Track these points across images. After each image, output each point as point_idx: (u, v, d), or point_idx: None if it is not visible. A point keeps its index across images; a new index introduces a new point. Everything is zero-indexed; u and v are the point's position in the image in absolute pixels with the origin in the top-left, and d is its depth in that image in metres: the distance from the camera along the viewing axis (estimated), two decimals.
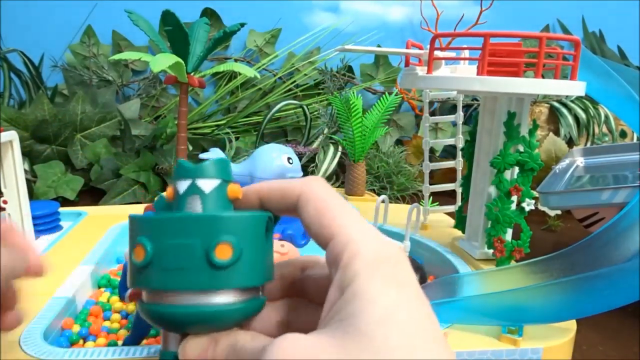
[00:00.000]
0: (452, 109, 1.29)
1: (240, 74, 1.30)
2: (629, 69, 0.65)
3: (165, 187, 1.10)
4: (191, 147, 1.16)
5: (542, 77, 0.52)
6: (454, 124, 0.88)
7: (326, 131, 1.19)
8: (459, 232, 0.71)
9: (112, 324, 0.48)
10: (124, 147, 1.16)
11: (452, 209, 0.79)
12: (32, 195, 0.99)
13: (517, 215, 0.57)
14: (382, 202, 0.72)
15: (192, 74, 0.78)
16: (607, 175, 0.81)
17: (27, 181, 0.87)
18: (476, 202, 0.65)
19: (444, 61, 0.58)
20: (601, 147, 0.91)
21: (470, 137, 0.67)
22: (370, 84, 1.37)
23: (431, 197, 0.79)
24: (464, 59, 0.61)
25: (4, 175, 0.63)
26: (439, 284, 0.54)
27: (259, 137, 1.24)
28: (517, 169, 0.58)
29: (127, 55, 0.75)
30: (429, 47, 0.55)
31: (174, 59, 0.70)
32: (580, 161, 0.90)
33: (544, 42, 0.51)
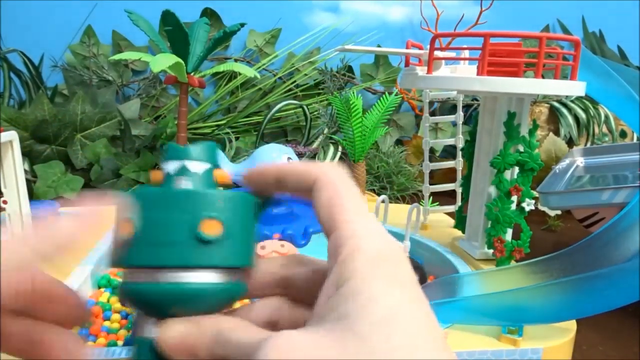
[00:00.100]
0: (452, 109, 1.29)
1: (240, 74, 1.30)
2: (629, 69, 0.65)
3: None
4: None
5: (542, 77, 0.52)
6: (454, 124, 0.88)
7: (326, 131, 1.19)
8: (459, 232, 0.71)
9: (112, 324, 0.48)
10: (124, 147, 1.16)
11: (452, 209, 0.79)
12: (32, 195, 0.99)
13: (517, 215, 0.57)
14: (382, 202, 0.72)
15: (192, 74, 0.78)
16: (607, 175, 0.81)
17: (27, 181, 0.87)
18: (476, 202, 0.65)
19: (444, 61, 0.58)
20: (601, 147, 0.91)
21: (470, 137, 0.67)
22: (370, 84, 1.37)
23: (431, 197, 0.79)
24: (464, 59, 0.61)
25: (4, 175, 0.63)
26: (439, 284, 0.54)
27: (259, 137, 1.24)
28: (517, 169, 0.58)
29: (127, 55, 0.75)
30: (429, 47, 0.55)
31: (174, 59, 0.70)
32: (580, 161, 0.90)
33: (544, 42, 0.51)
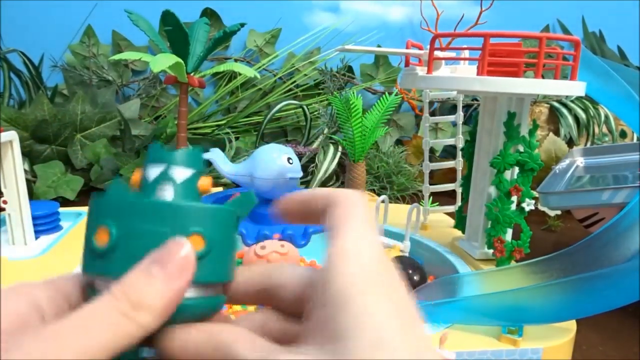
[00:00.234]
0: (452, 109, 1.29)
1: (240, 74, 1.30)
2: (629, 69, 0.65)
3: None
4: (191, 148, 1.16)
5: (542, 77, 0.52)
6: (454, 124, 0.88)
7: (326, 131, 1.19)
8: (459, 232, 0.71)
9: None
10: (124, 147, 1.16)
11: (452, 209, 0.79)
12: (32, 195, 0.99)
13: (517, 215, 0.57)
14: (382, 202, 0.72)
15: (192, 74, 0.78)
16: (607, 175, 0.81)
17: (27, 181, 0.87)
18: (476, 202, 0.65)
19: (444, 61, 0.58)
20: (601, 147, 0.91)
21: (470, 137, 0.67)
22: (370, 84, 1.37)
23: (431, 197, 0.79)
24: (464, 59, 0.61)
25: (4, 175, 0.63)
26: (439, 284, 0.54)
27: (259, 137, 1.24)
28: (517, 169, 0.58)
29: (127, 55, 0.76)
30: (429, 47, 0.55)
31: (174, 59, 0.70)
32: (580, 161, 0.90)
33: (544, 42, 0.51)
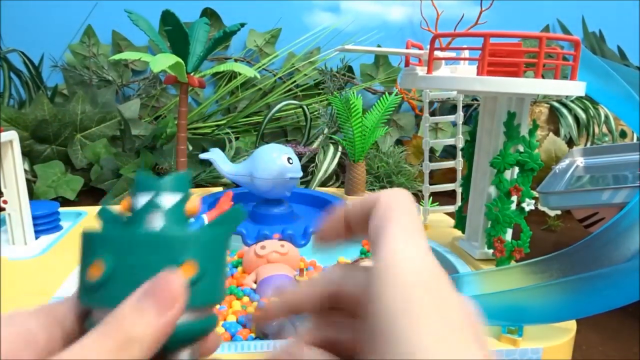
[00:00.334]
0: (452, 109, 1.29)
1: (240, 74, 1.30)
2: (629, 69, 0.65)
3: None
4: (191, 147, 1.16)
5: (542, 77, 0.52)
6: (454, 124, 0.88)
7: (326, 131, 1.19)
8: (459, 232, 0.71)
9: None
10: (124, 147, 1.16)
11: (452, 209, 0.79)
12: (32, 195, 0.99)
13: (517, 215, 0.57)
14: None
15: (192, 74, 0.78)
16: (607, 175, 0.81)
17: (27, 181, 0.87)
18: (476, 202, 0.65)
19: (444, 61, 0.58)
20: (601, 147, 0.91)
21: (470, 137, 0.67)
22: (370, 84, 1.37)
23: (431, 197, 0.79)
24: (464, 59, 0.61)
25: (4, 175, 0.63)
26: None
27: (259, 137, 1.24)
28: (517, 169, 0.58)
29: (127, 55, 0.75)
30: (429, 47, 0.55)
31: (174, 59, 0.70)
32: (580, 161, 0.90)
33: (544, 42, 0.51)
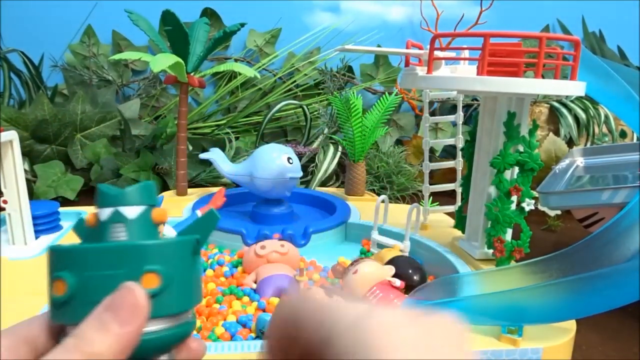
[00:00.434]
0: (452, 109, 1.29)
1: (240, 74, 1.30)
2: (629, 69, 0.65)
3: (164, 187, 1.10)
4: (191, 147, 1.16)
5: (542, 77, 0.52)
6: (454, 124, 0.88)
7: (326, 131, 1.19)
8: (459, 232, 0.71)
9: None
10: (124, 147, 1.16)
11: (452, 209, 0.79)
12: (32, 195, 0.99)
13: (517, 215, 0.57)
14: (382, 202, 0.72)
15: (192, 74, 0.78)
16: (607, 175, 0.81)
17: (27, 181, 0.87)
18: (476, 202, 0.65)
19: (444, 61, 0.58)
20: (601, 147, 0.91)
21: (470, 137, 0.67)
22: (370, 84, 1.37)
23: (431, 197, 0.79)
24: (464, 59, 0.61)
25: (4, 175, 0.63)
26: (439, 284, 0.54)
27: (259, 137, 1.24)
28: (517, 169, 0.58)
29: (127, 55, 0.76)
30: (429, 47, 0.55)
31: (174, 59, 0.70)
32: (580, 161, 0.90)
33: (544, 42, 0.51)
